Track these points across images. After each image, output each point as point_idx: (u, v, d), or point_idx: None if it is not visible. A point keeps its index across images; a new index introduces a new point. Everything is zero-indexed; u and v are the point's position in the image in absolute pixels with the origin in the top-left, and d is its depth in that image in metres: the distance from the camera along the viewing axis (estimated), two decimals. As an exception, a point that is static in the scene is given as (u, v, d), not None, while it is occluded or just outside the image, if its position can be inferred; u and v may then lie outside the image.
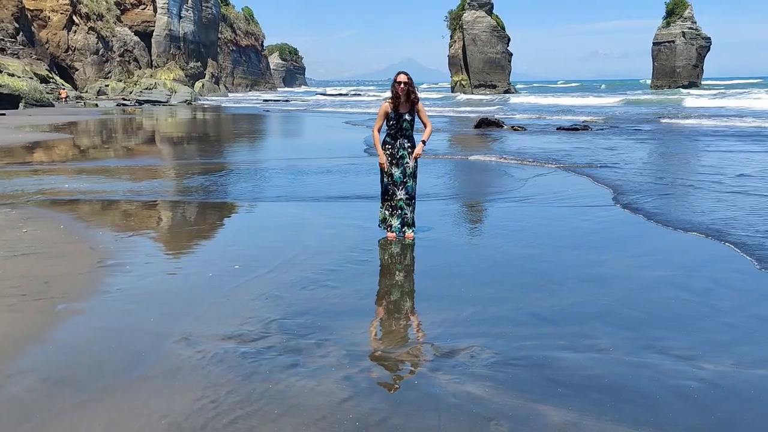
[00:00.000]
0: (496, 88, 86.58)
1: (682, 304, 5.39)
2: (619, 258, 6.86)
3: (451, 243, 7.60)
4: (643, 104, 49.73)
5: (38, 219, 8.59)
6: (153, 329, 4.78)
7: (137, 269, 6.32)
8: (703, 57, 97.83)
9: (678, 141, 21.25)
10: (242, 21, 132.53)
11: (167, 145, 22.52)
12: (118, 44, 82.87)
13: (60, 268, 6.26)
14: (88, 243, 7.29)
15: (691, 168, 14.67)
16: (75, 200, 10.34)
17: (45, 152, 18.44)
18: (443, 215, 9.32)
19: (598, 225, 8.54)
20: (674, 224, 8.44)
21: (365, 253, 7.00)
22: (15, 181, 12.29)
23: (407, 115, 7.37)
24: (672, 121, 31.10)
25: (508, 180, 12.72)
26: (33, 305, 5.20)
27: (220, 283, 5.88)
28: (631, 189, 11.19)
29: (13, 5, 60.18)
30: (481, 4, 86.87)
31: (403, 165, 7.39)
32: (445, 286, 5.90)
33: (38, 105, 44.64)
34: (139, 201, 10.28)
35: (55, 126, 28.52)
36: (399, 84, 7.30)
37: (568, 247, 7.35)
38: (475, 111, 42.96)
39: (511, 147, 19.29)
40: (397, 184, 7.44)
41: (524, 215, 9.14)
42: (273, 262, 6.55)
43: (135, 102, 59.37)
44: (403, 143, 7.40)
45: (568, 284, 5.92)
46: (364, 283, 6.06)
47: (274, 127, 33.72)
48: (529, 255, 6.95)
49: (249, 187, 12.02)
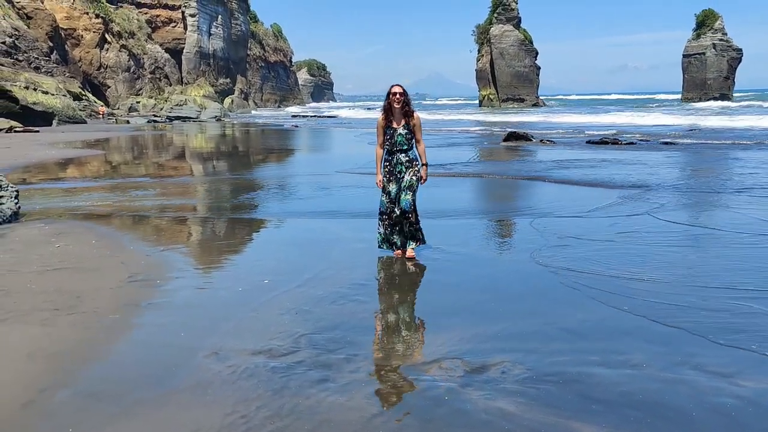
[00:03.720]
0: (524, 101, 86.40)
1: (714, 319, 5.27)
2: (648, 270, 6.75)
3: (478, 257, 7.55)
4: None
5: (70, 234, 8.72)
6: (183, 344, 4.80)
7: (168, 284, 6.37)
8: (735, 69, 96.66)
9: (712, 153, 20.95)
10: (271, 37, 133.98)
11: (197, 161, 22.77)
12: (149, 61, 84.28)
13: (92, 282, 6.33)
14: (120, 257, 7.37)
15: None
16: (107, 215, 10.47)
17: (77, 168, 18.77)
18: (470, 230, 9.27)
19: (614, 237, 8.42)
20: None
21: (394, 268, 6.97)
22: (48, 196, 12.51)
23: (401, 129, 7.10)
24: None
25: (529, 194, 12.64)
26: (65, 320, 5.26)
27: (250, 297, 5.89)
28: (661, 202, 11.04)
29: (47, 24, 61.60)
30: (509, 18, 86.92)
31: (400, 180, 7.17)
32: (474, 300, 5.85)
33: (71, 122, 45.50)
34: (170, 216, 10.39)
35: (87, 142, 29.03)
36: (393, 95, 7.06)
37: (588, 259, 7.24)
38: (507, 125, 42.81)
39: (544, 160, 19.17)
40: (394, 200, 7.21)
41: (550, 228, 9.04)
42: (302, 277, 6.56)
43: (165, 118, 60.20)
44: (400, 158, 7.16)
45: (598, 297, 5.83)
46: (392, 297, 6.04)
47: (302, 142, 33.95)
48: (553, 267, 6.86)
49: (277, 202, 12.12)
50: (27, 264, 6.98)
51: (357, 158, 19.22)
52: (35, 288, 6.10)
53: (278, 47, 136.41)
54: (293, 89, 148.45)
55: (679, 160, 19.34)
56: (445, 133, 35.55)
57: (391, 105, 7.07)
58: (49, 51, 58.10)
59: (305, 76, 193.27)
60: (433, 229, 8.98)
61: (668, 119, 40.10)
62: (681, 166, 18.03)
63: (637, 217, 9.70)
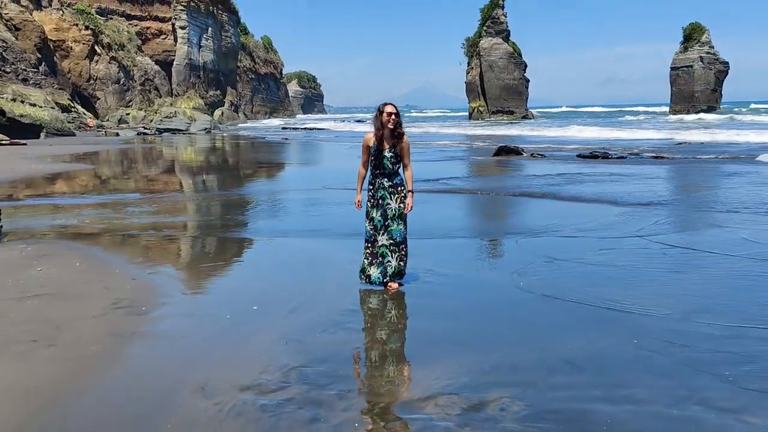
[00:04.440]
0: (513, 114, 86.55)
1: (722, 348, 5.11)
2: (646, 296, 6.59)
3: (472, 280, 7.38)
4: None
5: (53, 256, 8.48)
6: (168, 377, 4.60)
7: (153, 311, 6.15)
8: (722, 81, 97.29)
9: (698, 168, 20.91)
10: (261, 50, 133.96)
11: (186, 175, 22.55)
12: (139, 73, 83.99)
13: (73, 310, 6.11)
14: (103, 282, 7.14)
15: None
16: (92, 234, 10.25)
17: (64, 184, 18.49)
18: (463, 250, 9.13)
19: (617, 258, 8.26)
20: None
21: (386, 293, 6.76)
22: (33, 214, 12.26)
23: (388, 152, 6.61)
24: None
25: (523, 211, 12.50)
26: (43, 353, 5.04)
27: (238, 325, 5.69)
28: (659, 220, 10.93)
29: (36, 36, 61.20)
30: (498, 31, 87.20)
31: (383, 207, 6.71)
32: (470, 328, 5.67)
33: (59, 134, 45.09)
34: (157, 236, 10.17)
35: (75, 156, 28.69)
36: (389, 115, 6.55)
37: (588, 283, 7.09)
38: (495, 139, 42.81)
39: (534, 175, 19.06)
40: (377, 229, 6.75)
41: (547, 250, 8.88)
42: (292, 302, 6.37)
43: (155, 130, 59.86)
44: (383, 182, 6.70)
45: (599, 326, 5.67)
46: (385, 325, 5.85)
47: (291, 156, 33.74)
48: (553, 294, 6.69)
49: (267, 220, 11.92)
50: (5, 290, 6.75)
51: (345, 173, 19.02)
52: (13, 317, 5.87)
53: (268, 59, 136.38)
54: (283, 101, 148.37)
55: (671, 175, 19.30)
56: (435, 146, 35.45)
57: (384, 126, 6.58)
58: (37, 62, 57.70)
59: (295, 88, 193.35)
60: (425, 250, 8.83)
61: (657, 134, 40.08)
62: (674, 182, 17.99)
63: (636, 239, 9.53)
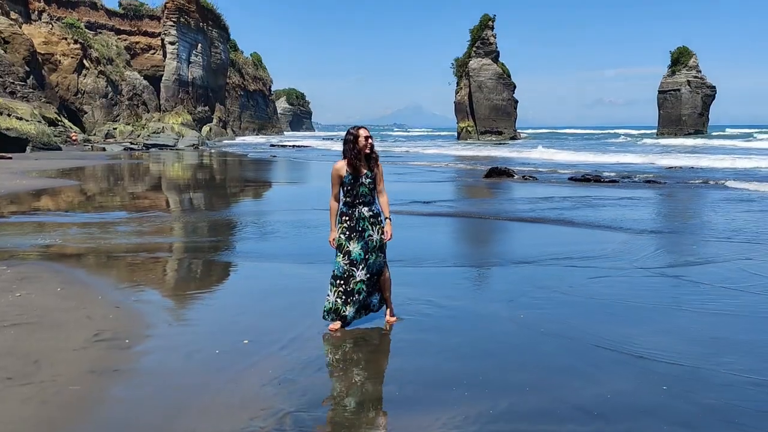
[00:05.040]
0: (502, 134, 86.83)
1: (741, 397, 4.82)
2: (657, 334, 6.31)
3: (474, 313, 7.05)
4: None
5: (34, 279, 8.10)
6: (151, 425, 4.24)
7: (137, 344, 5.79)
8: (709, 105, 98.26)
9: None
10: (250, 66, 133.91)
11: (173, 194, 22.17)
12: (127, 88, 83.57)
13: (53, 342, 5.74)
14: (86, 309, 6.77)
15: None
16: (76, 255, 9.89)
17: (49, 201, 18.06)
18: (462, 279, 8.82)
19: (625, 290, 7.98)
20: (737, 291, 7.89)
21: (384, 327, 6.44)
22: (16, 232, 11.86)
23: (366, 178, 6.13)
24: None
25: (519, 237, 12.22)
26: (18, 392, 4.67)
27: (228, 362, 5.35)
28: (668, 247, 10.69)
29: (24, 49, 60.74)
30: (488, 52, 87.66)
31: (364, 239, 6.17)
32: (474, 368, 5.35)
33: (45, 148, 44.55)
34: (143, 258, 9.81)
35: (61, 171, 28.24)
36: (366, 139, 6.11)
37: (599, 321, 6.81)
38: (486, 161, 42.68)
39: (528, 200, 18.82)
40: (355, 263, 6.16)
41: (551, 280, 8.59)
42: (285, 336, 6.03)
43: (142, 146, 59.34)
44: (363, 212, 6.17)
45: (609, 368, 5.37)
46: (384, 363, 5.53)
47: (281, 175, 33.43)
48: (558, 330, 6.39)
49: (257, 242, 11.59)
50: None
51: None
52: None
53: (258, 76, 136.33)
54: (272, 118, 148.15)
55: (666, 201, 19.11)
56: (424, 167, 35.24)
57: (361, 152, 6.10)
58: (25, 76, 57.20)
59: (284, 105, 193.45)
60: (423, 278, 8.55)
61: (645, 158, 39.88)
62: (671, 208, 17.79)
63: (641, 270, 9.25)
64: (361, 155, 6.11)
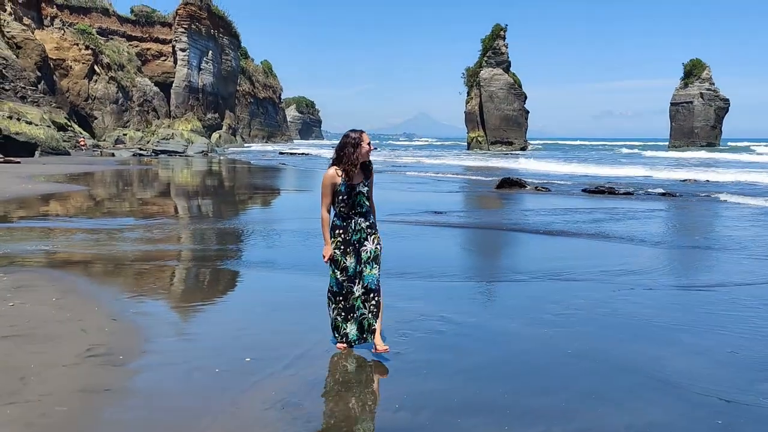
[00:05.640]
0: (512, 144, 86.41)
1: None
2: (689, 355, 5.90)
3: (491, 330, 6.65)
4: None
5: (31, 288, 7.76)
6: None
7: (132, 361, 5.41)
8: (722, 118, 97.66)
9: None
10: (261, 74, 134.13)
11: (180, 200, 21.87)
12: (138, 94, 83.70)
13: (43, 356, 5.38)
14: (81, 322, 6.42)
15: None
16: (77, 262, 9.57)
17: (54, 206, 17.79)
18: (477, 294, 8.43)
19: (652, 308, 7.56)
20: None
21: (398, 343, 6.03)
22: (17, 238, 11.55)
23: (362, 187, 5.65)
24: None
25: (537, 250, 11.81)
26: (2, 412, 4.31)
27: (229, 382, 4.97)
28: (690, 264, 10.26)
29: (36, 54, 60.88)
30: (499, 62, 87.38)
31: (358, 251, 5.70)
32: (496, 392, 4.95)
33: (54, 153, 44.47)
34: (145, 267, 9.46)
35: (68, 176, 28.02)
36: (369, 145, 5.65)
37: (625, 340, 6.40)
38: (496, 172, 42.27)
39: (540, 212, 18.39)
40: (352, 278, 5.70)
41: (564, 295, 8.18)
42: (291, 353, 5.66)
43: (151, 152, 59.28)
44: (359, 223, 5.69)
45: (640, 394, 4.96)
46: (397, 385, 5.12)
47: (290, 182, 33.13)
48: (581, 350, 5.99)
49: (263, 251, 11.22)
50: (-30, 330, 6.03)
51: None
52: (-28, 365, 5.15)
53: (268, 84, 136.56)
54: (281, 126, 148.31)
55: (685, 214, 18.65)
56: (434, 177, 34.85)
57: (357, 157, 5.58)
58: (36, 81, 57.26)
59: (294, 113, 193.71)
60: (434, 292, 8.18)
61: (658, 171, 39.05)
62: (691, 221, 17.32)
63: (668, 286, 8.84)
64: (358, 162, 5.59)
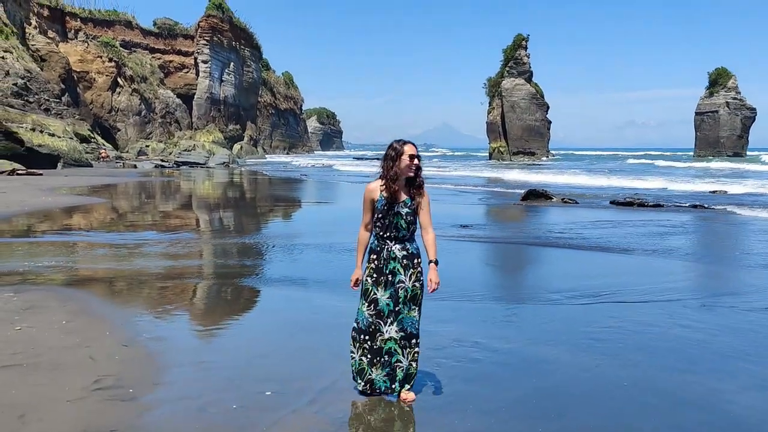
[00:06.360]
0: (535, 155, 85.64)
1: None
2: (753, 388, 5.32)
3: (529, 359, 6.09)
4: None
5: (39, 309, 7.36)
6: None
7: (143, 394, 4.95)
8: (748, 127, 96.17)
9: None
10: (282, 85, 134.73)
11: (202, 213, 21.56)
12: (160, 106, 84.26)
13: (46, 389, 4.94)
14: (90, 348, 5.98)
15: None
16: (91, 280, 9.20)
17: (73, 219, 17.52)
18: (511, 316, 7.88)
19: (707, 332, 6.98)
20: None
21: (433, 374, 5.48)
22: (33, 253, 11.21)
23: (403, 207, 4.78)
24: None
25: (570, 266, 11.24)
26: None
27: (246, 420, 4.49)
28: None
29: (60, 67, 61.50)
30: (521, 72, 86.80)
31: (395, 285, 4.78)
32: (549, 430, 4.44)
33: (76, 165, 44.64)
34: (163, 285, 9.06)
35: (89, 189, 27.89)
36: (411, 159, 4.76)
37: (680, 371, 5.83)
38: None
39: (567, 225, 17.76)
40: (383, 316, 4.79)
41: (604, 317, 7.61)
42: (315, 386, 5.17)
43: (173, 163, 59.40)
44: (394, 250, 4.79)
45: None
46: (433, 425, 4.60)
47: (312, 194, 32.75)
48: (633, 380, 5.44)
49: (285, 268, 10.77)
50: (-29, 357, 5.61)
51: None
52: (-32, 400, 4.72)
53: (289, 95, 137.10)
54: (302, 137, 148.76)
55: (720, 228, 17.93)
56: (457, 189, 34.27)
57: (402, 174, 4.79)
58: (60, 93, 57.74)
59: (315, 124, 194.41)
60: (466, 315, 7.68)
61: (685, 184, 37.62)
62: (727, 235, 16.62)
63: (725, 307, 8.26)
64: (400, 177, 4.80)
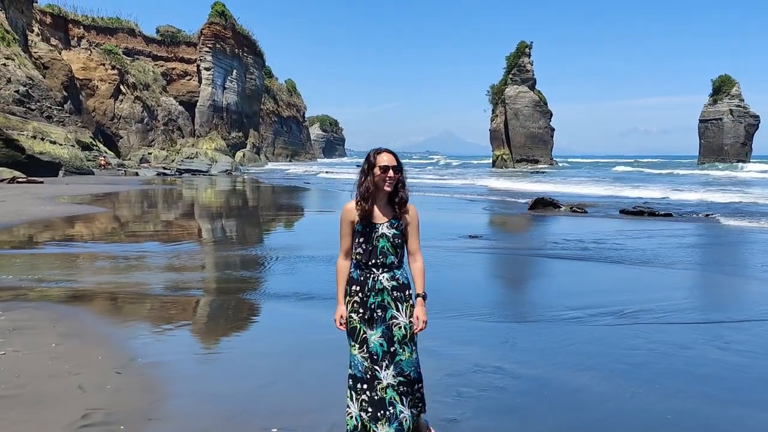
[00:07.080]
0: (538, 162, 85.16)
1: None
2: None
3: (557, 388, 5.59)
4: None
5: (28, 330, 6.88)
6: None
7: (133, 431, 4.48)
8: (752, 135, 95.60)
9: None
10: (285, 92, 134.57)
11: (204, 223, 21.08)
12: (163, 113, 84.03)
13: (26, 426, 4.46)
14: (79, 376, 5.49)
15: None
16: (85, 296, 8.73)
17: (71, 230, 17.05)
18: (535, 337, 7.37)
19: (751, 354, 6.48)
20: None
21: (453, 405, 5.00)
22: (26, 267, 10.75)
23: (387, 228, 3.99)
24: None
25: (590, 280, 10.74)
26: None
27: (249, 465, 4.01)
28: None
29: (63, 74, 61.27)
30: (524, 79, 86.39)
31: (386, 322, 3.99)
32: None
33: (78, 173, 44.26)
34: (162, 301, 8.58)
35: (90, 197, 27.46)
36: (384, 171, 3.97)
37: (723, 398, 5.33)
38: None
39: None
40: (377, 359, 3.96)
41: (633, 338, 7.11)
42: (324, 421, 4.68)
43: (175, 171, 59.03)
44: (380, 280, 3.98)
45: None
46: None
47: (315, 203, 32.29)
48: (680, 413, 4.94)
49: (289, 282, 10.26)
50: (-52, 388, 5.13)
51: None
52: (-63, 443, 4.25)
53: (292, 102, 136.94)
54: (305, 144, 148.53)
55: (737, 237, 17.40)
56: (461, 198, 33.77)
57: (377, 188, 4.00)
58: (62, 100, 57.43)
59: (317, 132, 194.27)
60: (482, 335, 7.18)
61: (691, 193, 36.65)
62: (745, 245, 16.10)
63: (758, 327, 7.75)
64: (377, 192, 4.00)
